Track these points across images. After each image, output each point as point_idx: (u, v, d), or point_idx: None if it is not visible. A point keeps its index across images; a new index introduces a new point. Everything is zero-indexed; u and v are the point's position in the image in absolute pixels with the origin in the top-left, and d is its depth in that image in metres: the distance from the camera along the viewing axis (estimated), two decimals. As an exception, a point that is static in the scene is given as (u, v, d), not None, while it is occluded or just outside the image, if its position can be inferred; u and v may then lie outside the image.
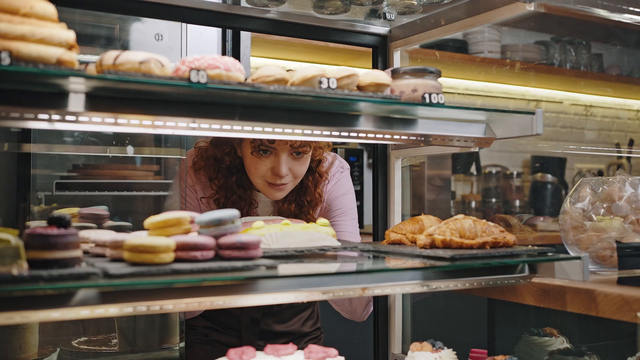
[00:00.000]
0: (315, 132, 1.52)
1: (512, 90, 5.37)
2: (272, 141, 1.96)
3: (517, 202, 5.06)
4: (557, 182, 5.10)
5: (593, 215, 1.92)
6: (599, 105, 5.81)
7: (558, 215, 2.04)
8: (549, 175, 5.09)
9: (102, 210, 1.83)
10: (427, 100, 1.53)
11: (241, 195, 2.09)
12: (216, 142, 2.09)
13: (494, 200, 5.03)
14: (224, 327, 2.24)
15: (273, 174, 1.99)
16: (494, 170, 5.09)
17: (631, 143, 5.80)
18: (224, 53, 3.28)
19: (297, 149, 1.98)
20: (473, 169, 5.06)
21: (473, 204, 4.95)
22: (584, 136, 5.71)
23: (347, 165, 2.28)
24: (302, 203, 2.13)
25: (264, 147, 1.97)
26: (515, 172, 5.11)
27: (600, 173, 5.58)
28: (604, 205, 1.93)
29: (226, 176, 2.09)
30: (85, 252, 1.46)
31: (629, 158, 5.62)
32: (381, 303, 2.14)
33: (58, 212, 1.23)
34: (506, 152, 5.35)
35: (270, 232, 1.62)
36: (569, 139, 5.62)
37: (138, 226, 1.61)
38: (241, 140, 2.04)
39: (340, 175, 2.24)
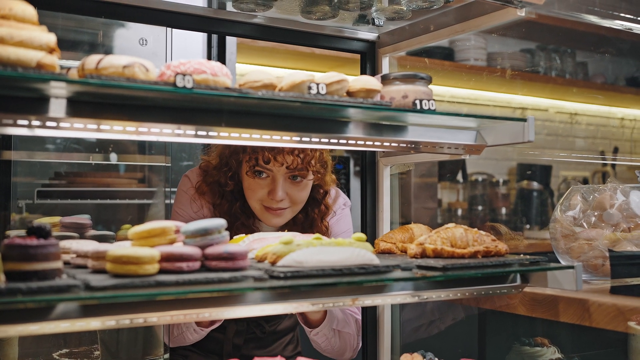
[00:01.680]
0: (304, 138, 1.48)
1: (498, 98, 5.37)
2: (267, 162, 1.93)
3: (504, 210, 5.06)
4: (543, 189, 5.10)
5: (584, 223, 1.90)
6: (584, 113, 5.83)
7: (545, 223, 2.02)
8: (535, 183, 5.10)
9: (84, 219, 1.79)
10: (418, 107, 1.51)
11: (244, 223, 2.07)
12: (219, 165, 2.06)
13: (480, 207, 5.02)
14: (205, 350, 2.20)
15: (269, 197, 1.97)
16: (480, 178, 5.09)
17: (616, 150, 5.83)
18: (209, 59, 3.25)
19: (293, 172, 1.96)
20: (459, 177, 5.05)
21: (459, 212, 4.94)
22: (569, 144, 5.73)
23: (349, 202, 2.27)
24: None
25: (258, 168, 1.95)
26: (501, 180, 5.12)
27: (585, 181, 5.59)
28: (595, 214, 1.91)
29: (230, 201, 2.07)
30: (67, 263, 1.42)
31: (613, 165, 5.64)
32: (370, 313, 2.11)
33: (38, 222, 1.19)
34: (492, 160, 5.35)
35: (302, 249, 1.42)
36: (554, 146, 5.64)
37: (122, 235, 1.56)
38: (241, 163, 2.01)
39: (342, 212, 2.22)
